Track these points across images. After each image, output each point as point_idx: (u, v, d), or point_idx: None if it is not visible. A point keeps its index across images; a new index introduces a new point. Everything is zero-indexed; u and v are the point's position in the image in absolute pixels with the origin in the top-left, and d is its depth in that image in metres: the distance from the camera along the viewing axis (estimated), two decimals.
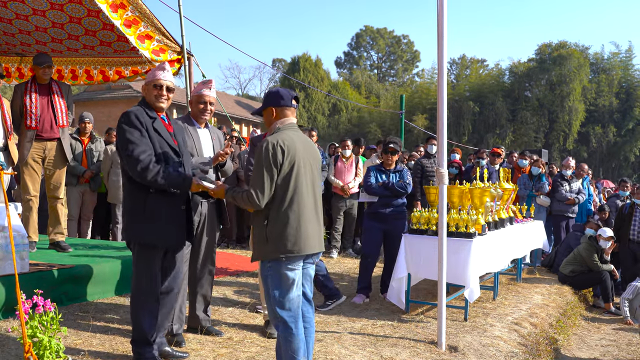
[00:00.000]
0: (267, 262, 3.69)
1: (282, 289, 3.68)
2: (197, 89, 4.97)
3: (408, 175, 7.07)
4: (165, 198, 4.03)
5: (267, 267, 3.69)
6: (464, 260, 6.02)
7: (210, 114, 5.01)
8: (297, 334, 3.70)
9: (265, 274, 3.72)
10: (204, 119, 4.99)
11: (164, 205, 4.04)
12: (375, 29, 61.60)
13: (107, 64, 7.70)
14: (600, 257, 8.80)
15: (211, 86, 4.96)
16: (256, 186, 3.60)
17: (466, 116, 38.13)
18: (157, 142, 4.04)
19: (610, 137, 36.76)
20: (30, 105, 6.45)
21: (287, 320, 3.67)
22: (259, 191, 3.59)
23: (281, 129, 3.78)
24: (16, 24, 7.00)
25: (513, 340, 5.75)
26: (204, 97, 4.90)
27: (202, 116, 4.95)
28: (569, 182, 10.56)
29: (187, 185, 4.02)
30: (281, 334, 3.70)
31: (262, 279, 3.79)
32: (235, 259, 8.82)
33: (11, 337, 4.47)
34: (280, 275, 3.66)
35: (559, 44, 38.92)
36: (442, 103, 5.13)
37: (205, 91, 4.91)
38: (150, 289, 4.11)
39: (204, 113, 4.93)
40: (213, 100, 4.98)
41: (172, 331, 4.71)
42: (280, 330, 3.71)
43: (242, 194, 3.70)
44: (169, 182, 3.93)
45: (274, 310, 3.69)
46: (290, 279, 3.68)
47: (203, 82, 5.00)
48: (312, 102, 43.18)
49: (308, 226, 3.71)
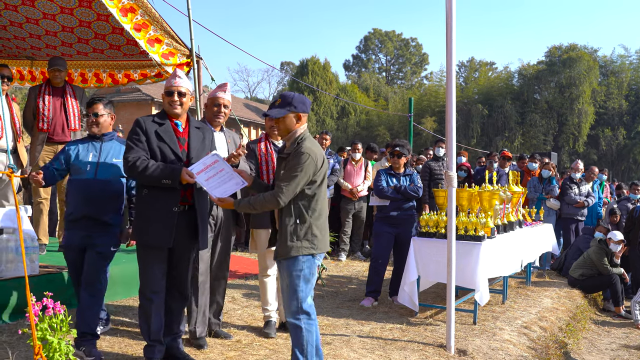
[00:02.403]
0: (301, 258, 3.86)
1: (310, 283, 3.93)
2: (213, 91, 4.94)
3: (418, 179, 7.08)
4: (157, 199, 4.08)
5: (302, 262, 3.87)
6: (473, 264, 6.00)
7: (225, 117, 4.94)
8: (316, 324, 3.98)
9: (297, 270, 3.88)
10: (219, 122, 4.93)
11: (155, 206, 4.10)
12: (384, 32, 61.60)
13: (116, 68, 7.74)
14: (610, 261, 8.75)
15: (226, 89, 4.93)
16: (289, 186, 3.78)
17: (475, 119, 38.05)
18: (156, 146, 4.12)
19: (620, 139, 36.57)
20: (43, 107, 6.50)
21: (310, 312, 3.91)
22: (290, 192, 3.79)
23: (305, 137, 3.92)
24: (27, 28, 7.04)
25: (522, 344, 5.73)
26: (218, 100, 4.87)
27: (217, 119, 4.90)
28: (578, 185, 10.51)
29: (177, 175, 4.02)
30: (305, 327, 3.89)
31: (290, 275, 3.89)
32: (244, 262, 8.83)
33: (21, 339, 4.49)
34: (311, 270, 3.92)
35: (569, 47, 38.77)
36: (451, 106, 5.12)
37: (220, 94, 4.88)
38: (146, 288, 4.20)
39: (218, 116, 4.88)
40: (227, 103, 4.92)
41: (196, 335, 4.77)
42: (303, 323, 3.90)
43: (264, 196, 3.86)
44: (157, 173, 3.98)
45: (299, 304, 3.89)
46: (315, 273, 3.99)
47: (218, 85, 4.97)
48: (321, 105, 43.20)
49: (327, 226, 4.05)
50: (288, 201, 3.80)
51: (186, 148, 4.24)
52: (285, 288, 3.92)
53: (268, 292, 5.35)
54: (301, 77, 42.10)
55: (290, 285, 3.89)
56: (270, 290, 5.35)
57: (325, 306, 6.54)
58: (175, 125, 4.26)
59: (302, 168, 3.77)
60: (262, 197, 3.87)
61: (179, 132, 4.26)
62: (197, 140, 4.32)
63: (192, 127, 4.33)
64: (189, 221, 4.26)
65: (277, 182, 3.89)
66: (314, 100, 42.24)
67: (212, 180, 4.07)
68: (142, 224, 4.18)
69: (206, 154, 4.22)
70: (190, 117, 4.40)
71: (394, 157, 7.06)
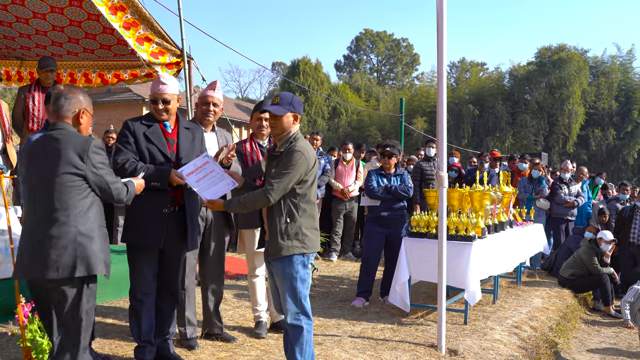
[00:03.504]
0: (295, 259, 3.84)
1: (306, 282, 3.92)
2: (202, 91, 4.90)
3: (409, 179, 7.10)
4: (147, 200, 4.06)
5: (296, 263, 3.84)
6: (464, 264, 6.02)
7: (215, 115, 4.88)
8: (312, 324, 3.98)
9: (293, 271, 3.85)
10: (209, 120, 4.86)
11: (145, 207, 4.10)
12: (375, 32, 61.61)
13: (106, 68, 7.71)
14: (600, 260, 8.80)
15: (216, 87, 4.87)
16: (279, 184, 3.76)
17: (466, 119, 38.11)
18: (145, 147, 4.13)
19: (609, 140, 36.77)
20: (33, 108, 6.47)
21: (308, 312, 3.91)
22: (280, 190, 3.77)
23: (298, 136, 3.93)
24: (16, 27, 7.00)
25: (513, 343, 5.75)
26: (208, 98, 4.82)
27: (207, 118, 4.84)
28: (568, 185, 10.56)
29: (165, 177, 4.04)
30: (306, 327, 3.88)
31: (286, 277, 3.86)
32: (235, 262, 8.81)
33: (10, 340, 4.46)
34: (306, 269, 3.90)
35: (559, 47, 38.92)
36: (442, 106, 5.13)
37: (209, 92, 4.83)
38: (136, 289, 4.22)
39: (207, 114, 4.83)
40: (217, 102, 4.86)
41: (186, 336, 4.76)
42: (304, 324, 3.88)
43: (254, 194, 3.85)
44: (146, 175, 3.97)
45: (298, 304, 3.87)
46: (309, 273, 3.96)
47: (209, 84, 4.93)
48: (312, 106, 43.13)
49: (317, 227, 4.02)
50: (278, 198, 3.79)
51: (175, 149, 4.23)
52: (283, 290, 3.89)
53: (258, 293, 5.33)
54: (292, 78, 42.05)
55: (288, 288, 3.87)
56: (260, 291, 5.34)
57: (316, 306, 6.54)
58: (164, 127, 4.25)
59: (295, 166, 3.77)
60: (252, 195, 3.86)
61: (168, 133, 4.25)
62: (186, 140, 4.30)
63: (181, 128, 4.32)
64: (179, 222, 4.25)
65: (267, 179, 3.88)
66: (305, 100, 42.16)
67: (202, 181, 4.06)
68: (132, 224, 4.18)
69: (197, 156, 4.21)
70: (179, 117, 4.38)
71: (384, 158, 7.08)
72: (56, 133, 3.31)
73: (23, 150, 3.49)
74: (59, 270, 3.13)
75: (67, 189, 3.21)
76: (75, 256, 3.17)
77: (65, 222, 3.18)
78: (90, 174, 3.27)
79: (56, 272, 3.13)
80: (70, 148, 3.23)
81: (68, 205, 3.20)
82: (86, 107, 3.47)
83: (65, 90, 3.45)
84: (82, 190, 3.26)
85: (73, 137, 3.29)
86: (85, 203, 3.26)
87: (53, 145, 3.25)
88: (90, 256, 3.22)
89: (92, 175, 3.28)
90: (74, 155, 3.23)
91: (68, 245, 3.16)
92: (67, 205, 3.20)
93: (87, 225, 3.25)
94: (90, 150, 3.27)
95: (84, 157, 3.25)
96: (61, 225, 3.18)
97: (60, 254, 3.14)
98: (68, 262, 3.15)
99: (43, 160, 3.26)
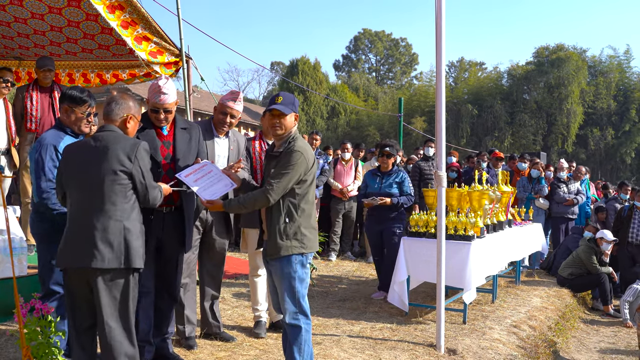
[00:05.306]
0: (293, 259, 3.84)
1: (304, 282, 3.93)
2: (225, 97, 4.83)
3: (409, 184, 7.15)
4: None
5: (295, 263, 3.85)
6: (463, 263, 6.02)
7: (230, 126, 4.86)
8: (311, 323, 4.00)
9: (292, 271, 3.86)
10: (223, 130, 4.86)
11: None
12: (374, 32, 61.58)
13: (104, 68, 7.69)
14: (599, 260, 8.80)
15: (237, 98, 4.81)
16: (279, 183, 3.77)
17: (465, 119, 38.09)
18: None
19: (608, 139, 36.78)
20: (31, 107, 6.46)
21: (307, 312, 3.92)
22: (280, 190, 3.79)
23: (297, 136, 3.95)
24: (15, 27, 6.99)
25: (512, 343, 5.75)
26: (226, 109, 4.77)
27: (222, 127, 4.83)
28: (566, 183, 10.57)
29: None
30: (304, 326, 3.89)
31: (285, 277, 3.87)
32: (234, 262, 8.81)
33: (9, 340, 4.46)
34: (304, 269, 3.92)
35: (557, 47, 38.93)
36: (441, 106, 5.13)
37: (230, 102, 4.78)
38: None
39: (223, 124, 4.81)
40: (236, 114, 4.82)
41: (185, 334, 4.76)
42: (303, 323, 3.89)
43: (254, 194, 3.86)
44: None
45: (298, 305, 3.88)
46: (308, 272, 3.99)
47: (231, 92, 4.86)
48: (311, 105, 43.11)
49: (316, 226, 4.04)
50: (278, 198, 3.80)
51: (171, 151, 4.22)
52: (281, 290, 3.90)
53: (258, 292, 5.34)
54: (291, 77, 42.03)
55: (287, 287, 3.87)
56: (261, 290, 5.34)
57: (315, 306, 6.54)
58: (159, 129, 4.23)
59: (294, 166, 3.79)
60: (251, 195, 3.87)
61: (164, 136, 4.23)
62: (183, 142, 4.29)
63: (178, 129, 4.30)
64: (176, 222, 4.24)
65: (267, 179, 3.89)
66: (304, 100, 42.16)
67: (201, 181, 4.05)
68: None
69: (195, 161, 4.21)
70: (177, 117, 4.35)
71: (383, 157, 7.11)
72: (105, 134, 3.55)
73: (68, 148, 3.68)
74: (106, 260, 3.36)
75: (115, 186, 3.45)
76: (121, 249, 3.41)
77: (114, 216, 3.42)
78: (135, 173, 3.49)
79: (102, 262, 3.36)
80: (119, 148, 3.46)
81: (116, 201, 3.44)
82: (134, 113, 3.74)
83: (117, 96, 3.70)
84: (127, 189, 3.49)
85: (122, 138, 3.54)
86: (130, 201, 3.51)
87: (103, 144, 3.48)
88: (133, 250, 3.45)
89: (137, 175, 3.50)
90: (123, 155, 3.46)
91: (115, 239, 3.40)
92: (115, 201, 3.44)
93: (131, 221, 3.49)
94: (138, 152, 3.51)
95: (131, 157, 3.48)
96: (110, 220, 3.41)
97: (109, 245, 3.38)
98: (115, 254, 3.39)
99: (93, 157, 3.48)
